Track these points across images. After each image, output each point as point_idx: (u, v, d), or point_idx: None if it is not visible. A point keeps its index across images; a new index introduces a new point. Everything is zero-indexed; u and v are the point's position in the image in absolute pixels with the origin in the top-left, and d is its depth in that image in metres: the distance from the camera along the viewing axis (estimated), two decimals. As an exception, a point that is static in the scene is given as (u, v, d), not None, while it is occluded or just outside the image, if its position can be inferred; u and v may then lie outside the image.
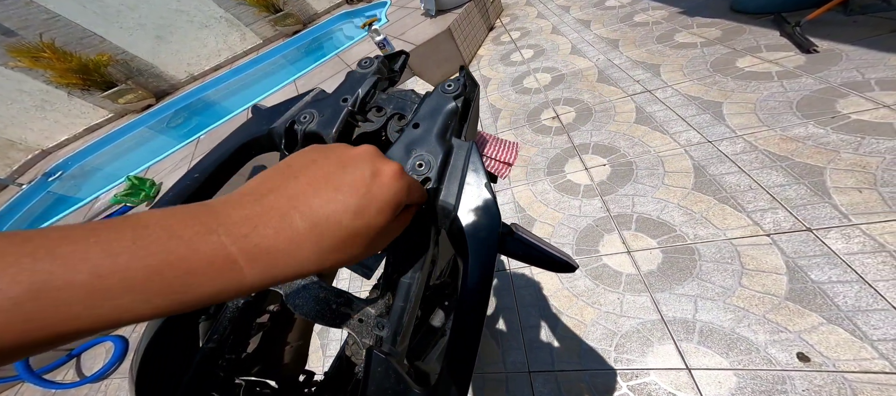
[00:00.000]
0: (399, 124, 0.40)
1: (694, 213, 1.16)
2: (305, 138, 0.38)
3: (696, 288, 0.98)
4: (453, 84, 0.37)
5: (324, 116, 0.39)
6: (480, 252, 0.28)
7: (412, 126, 0.34)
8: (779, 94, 1.38)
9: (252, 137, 0.39)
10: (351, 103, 0.40)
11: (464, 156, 0.32)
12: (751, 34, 1.76)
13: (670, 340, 0.91)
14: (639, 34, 2.15)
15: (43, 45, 3.50)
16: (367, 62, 0.44)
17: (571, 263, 0.30)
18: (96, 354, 1.99)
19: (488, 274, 0.27)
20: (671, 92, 1.64)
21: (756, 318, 0.86)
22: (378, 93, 0.43)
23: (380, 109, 0.42)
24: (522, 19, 3.05)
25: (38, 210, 3.32)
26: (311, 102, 0.42)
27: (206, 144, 2.54)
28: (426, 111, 0.35)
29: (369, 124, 0.41)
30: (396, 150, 0.33)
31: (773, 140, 1.23)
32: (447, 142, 0.33)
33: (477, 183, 0.30)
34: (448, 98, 0.36)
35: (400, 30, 2.83)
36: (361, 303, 0.35)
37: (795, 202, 1.04)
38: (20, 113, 4.04)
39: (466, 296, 0.27)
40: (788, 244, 0.96)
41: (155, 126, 4.11)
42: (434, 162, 0.31)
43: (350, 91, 0.41)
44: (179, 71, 4.54)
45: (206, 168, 0.37)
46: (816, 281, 0.86)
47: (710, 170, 1.25)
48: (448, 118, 0.35)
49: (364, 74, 0.43)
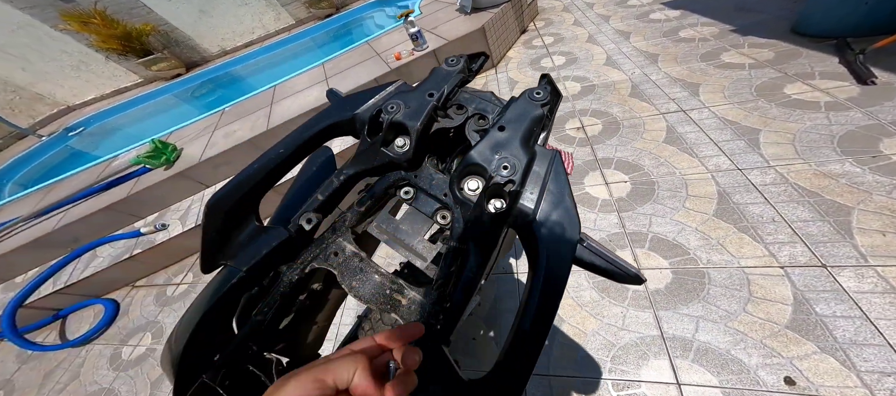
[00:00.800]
0: (479, 125, 0.45)
1: (711, 239, 1.25)
2: (390, 128, 0.44)
3: (701, 310, 1.07)
4: (542, 92, 0.41)
5: (410, 108, 0.44)
6: (556, 257, 0.30)
7: (498, 129, 0.38)
8: (822, 126, 1.44)
9: (335, 121, 0.46)
10: (436, 99, 0.44)
11: (546, 164, 0.35)
12: (806, 59, 1.80)
13: (666, 356, 1.01)
14: (682, 50, 2.22)
15: (94, 11, 4.00)
16: (454, 60, 0.49)
17: (640, 276, 0.32)
18: (83, 317, 2.15)
19: (562, 279, 0.30)
20: (707, 114, 1.72)
21: (753, 342, 0.95)
22: (459, 90, 0.49)
23: (461, 106, 0.47)
24: (557, 25, 3.17)
25: (53, 163, 3.68)
26: (396, 94, 0.47)
27: (231, 116, 2.81)
28: (513, 116, 0.39)
29: (449, 121, 0.46)
30: (482, 149, 0.37)
31: (807, 174, 1.30)
32: (530, 148, 0.37)
33: (559, 191, 0.34)
34: (535, 106, 0.40)
35: (432, 23, 3.03)
36: (412, 291, 0.38)
37: (816, 239, 1.11)
38: (56, 71, 4.59)
39: (537, 298, 0.29)
40: (800, 278, 1.04)
41: (180, 95, 4.55)
42: (519, 166, 0.34)
43: (436, 87, 0.46)
44: (213, 45, 5.01)
45: (289, 145, 0.44)
46: (820, 314, 0.94)
47: (734, 198, 1.33)
48: (534, 125, 0.39)
49: (450, 72, 0.48)
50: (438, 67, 0.49)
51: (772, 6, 2.33)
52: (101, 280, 2.15)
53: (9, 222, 2.37)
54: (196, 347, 0.38)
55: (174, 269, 2.20)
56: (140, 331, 1.90)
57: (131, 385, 1.64)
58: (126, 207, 2.27)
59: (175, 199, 2.37)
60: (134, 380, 1.66)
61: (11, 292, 2.22)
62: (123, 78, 4.93)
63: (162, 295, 2.06)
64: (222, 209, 0.40)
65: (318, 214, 0.43)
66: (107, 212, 2.24)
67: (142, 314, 2.00)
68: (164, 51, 4.53)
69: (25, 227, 2.35)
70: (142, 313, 2.01)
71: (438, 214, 0.43)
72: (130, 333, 1.92)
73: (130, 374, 1.69)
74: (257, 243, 0.40)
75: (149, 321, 1.93)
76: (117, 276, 2.17)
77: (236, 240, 0.41)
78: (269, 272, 0.41)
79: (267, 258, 0.40)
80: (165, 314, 1.93)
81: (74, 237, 2.27)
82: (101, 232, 2.30)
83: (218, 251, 0.40)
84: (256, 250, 0.40)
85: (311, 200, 0.44)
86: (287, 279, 0.41)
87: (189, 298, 1.93)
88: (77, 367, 1.85)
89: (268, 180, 0.43)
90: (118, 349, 1.85)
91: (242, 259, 0.40)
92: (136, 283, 2.23)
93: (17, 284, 2.30)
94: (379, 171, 0.45)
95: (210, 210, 0.40)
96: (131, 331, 1.93)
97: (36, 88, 4.62)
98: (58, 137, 4.17)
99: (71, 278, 2.12)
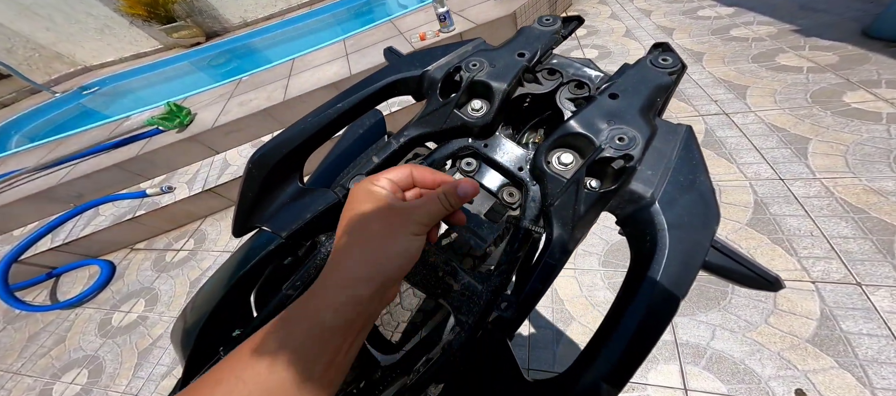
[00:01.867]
0: (576, 93, 0.42)
1: (741, 248, 1.29)
2: (471, 88, 0.41)
3: (719, 318, 1.13)
4: (670, 59, 0.37)
5: (495, 68, 0.41)
6: (684, 251, 0.27)
7: (609, 96, 0.35)
8: (880, 139, 1.45)
9: (402, 77, 0.44)
10: (527, 60, 0.42)
11: (674, 140, 0.32)
12: (874, 65, 1.80)
13: (677, 361, 1.08)
14: (731, 50, 2.23)
15: None
16: (550, 20, 0.47)
17: (780, 281, 0.29)
18: (78, 277, 2.21)
19: (687, 279, 0.26)
20: (752, 118, 1.74)
21: (769, 354, 1.00)
22: (552, 55, 0.46)
23: (553, 72, 0.44)
24: (592, 17, 3.21)
25: (62, 119, 3.98)
26: (476, 52, 0.45)
27: (247, 86, 3.01)
28: (629, 83, 0.36)
29: (537, 86, 0.43)
30: (589, 115, 0.33)
31: (855, 190, 1.32)
32: (651, 121, 0.33)
33: (692, 172, 0.30)
34: (661, 73, 0.36)
35: (460, 5, 3.15)
36: (468, 276, 0.35)
37: (855, 256, 1.14)
38: (79, 32, 5.05)
39: (649, 296, 0.26)
40: (831, 294, 1.08)
41: (197, 63, 4.90)
42: (639, 139, 0.31)
43: (527, 46, 0.43)
44: (235, 15, 5.37)
45: (350, 99, 0.43)
46: (845, 331, 0.98)
47: (772, 208, 1.37)
48: (657, 94, 0.35)
49: (544, 31, 0.45)
50: (528, 26, 0.46)
51: (841, 6, 2.31)
52: (100, 240, 2.26)
53: (12, 173, 2.49)
54: (219, 319, 0.38)
55: (176, 234, 2.34)
56: (134, 297, 1.98)
57: (117, 354, 1.69)
58: (134, 166, 2.43)
59: (183, 163, 2.54)
60: (121, 349, 1.71)
61: (8, 245, 2.28)
62: (144, 43, 5.36)
63: (160, 260, 2.17)
64: (268, 164, 0.39)
65: None
66: (114, 170, 2.39)
67: (137, 279, 2.08)
68: (187, 19, 4.89)
69: (29, 178, 2.48)
70: (138, 278, 2.11)
71: (505, 191, 0.42)
72: (124, 298, 2.00)
73: (118, 342, 1.75)
74: (299, 206, 0.39)
75: (144, 287, 2.01)
76: (117, 237, 2.29)
77: (276, 202, 0.40)
78: (307, 241, 0.40)
79: (310, 224, 0.38)
80: (162, 281, 2.03)
81: (78, 193, 2.41)
82: (107, 190, 2.44)
83: (255, 213, 0.39)
84: (299, 213, 0.39)
85: (363, 162, 0.43)
86: (325, 250, 0.38)
87: (188, 266, 2.07)
88: (64, 331, 1.90)
89: (319, 136, 0.42)
90: (108, 314, 1.92)
91: (281, 223, 0.38)
92: (135, 246, 2.36)
93: (15, 237, 2.37)
94: (446, 135, 0.43)
95: (255, 164, 0.39)
96: (125, 296, 2.01)
97: (57, 47, 5.10)
98: (71, 94, 4.57)
99: (70, 235, 2.23)
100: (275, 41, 4.89)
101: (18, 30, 4.75)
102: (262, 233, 0.40)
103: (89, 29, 5.05)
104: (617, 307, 0.28)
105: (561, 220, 0.33)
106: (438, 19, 2.58)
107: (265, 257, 0.38)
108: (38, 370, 1.78)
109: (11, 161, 2.94)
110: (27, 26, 4.77)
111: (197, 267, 2.05)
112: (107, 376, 1.63)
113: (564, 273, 1.43)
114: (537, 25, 0.47)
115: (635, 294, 0.26)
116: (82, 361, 1.74)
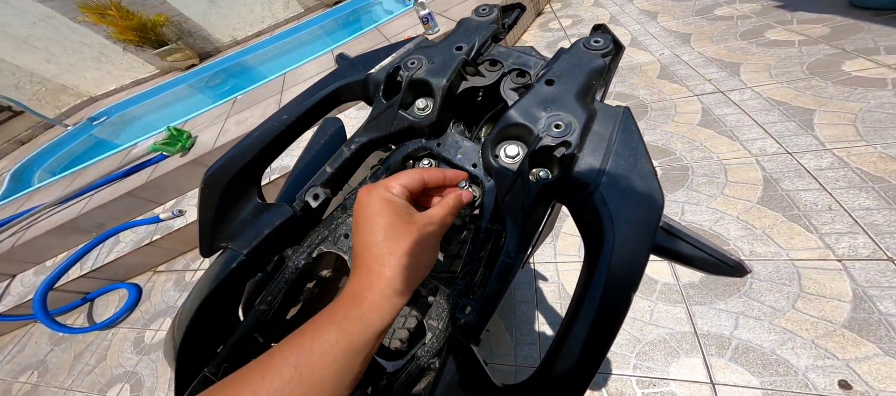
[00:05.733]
0: (518, 81, 0.40)
1: (754, 228, 1.16)
2: (411, 86, 0.39)
3: (741, 305, 0.99)
4: (602, 41, 0.35)
5: (433, 64, 0.39)
6: (630, 239, 0.25)
7: (545, 83, 0.33)
8: (890, 105, 1.32)
9: (345, 83, 0.42)
10: (466, 52, 0.39)
11: (613, 123, 0.30)
12: (869, 33, 1.67)
13: (699, 353, 0.94)
14: (718, 29, 2.10)
15: (110, 3, 4.25)
16: (486, 9, 0.44)
17: (743, 265, 0.27)
18: (109, 300, 2.28)
19: (638, 268, 0.24)
20: (750, 94, 1.61)
21: (803, 342, 0.87)
22: (492, 46, 0.43)
23: (495, 62, 0.41)
24: (576, 6, 3.09)
25: (79, 151, 3.97)
26: (416, 50, 0.43)
27: (242, 104, 2.91)
28: (564, 68, 0.34)
29: (480, 79, 0.41)
30: (525, 105, 0.31)
31: (871, 158, 1.19)
32: (589, 105, 0.31)
33: (632, 155, 0.27)
34: (594, 55, 0.34)
35: (444, 6, 3.02)
36: (433, 280, 0.35)
37: (882, 229, 1.01)
38: (79, 62, 4.92)
39: (600, 290, 0.24)
40: (862, 273, 0.94)
41: (195, 84, 4.76)
42: (576, 125, 0.29)
43: (465, 39, 0.40)
44: (224, 35, 5.23)
45: (294, 110, 0.41)
46: (885, 313, 0.85)
47: (783, 184, 1.24)
48: (593, 77, 0.33)
49: (481, 23, 0.42)
50: (466, 18, 0.44)
51: (825, -22, 2.18)
52: (124, 265, 2.29)
53: (37, 208, 2.55)
54: (197, 337, 0.37)
55: (191, 255, 2.31)
56: (161, 315, 2.00)
57: (153, 369, 1.72)
58: (145, 193, 2.40)
59: (191, 185, 2.48)
60: (156, 364, 1.73)
61: (42, 275, 2.37)
62: (141, 69, 5.21)
63: (181, 280, 2.16)
64: (221, 182, 0.38)
65: (327, 189, 0.39)
66: (127, 198, 2.38)
67: (162, 299, 2.10)
68: (177, 41, 4.75)
69: (53, 212, 2.52)
70: (163, 297, 2.11)
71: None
72: (152, 317, 2.02)
73: (153, 358, 1.77)
74: (259, 222, 0.38)
75: (169, 306, 2.04)
76: (139, 261, 2.30)
77: (237, 219, 0.39)
78: (273, 256, 0.39)
79: (269, 239, 0.37)
80: (184, 300, 2.02)
81: (99, 223, 2.43)
82: (123, 218, 2.44)
83: (217, 232, 0.38)
84: (257, 230, 0.37)
85: (318, 173, 0.40)
86: (292, 264, 0.38)
87: None
88: (104, 350, 1.97)
89: (270, 149, 0.40)
90: (141, 332, 1.95)
91: (243, 241, 0.37)
92: (157, 268, 2.36)
93: (47, 267, 2.47)
94: (396, 138, 0.41)
95: (206, 184, 0.38)
96: (153, 315, 2.03)
97: (60, 79, 4.96)
98: (82, 126, 4.49)
99: (96, 262, 2.27)
100: (267, 57, 4.75)
101: (21, 64, 4.63)
102: (225, 251, 0.39)
103: (86, 58, 4.91)
104: (574, 306, 0.26)
105: (512, 215, 0.31)
106: (422, 22, 2.46)
107: (230, 274, 0.37)
108: (86, 386, 1.81)
109: (37, 196, 2.95)
110: (28, 60, 4.64)
111: (213, 283, 2.00)
112: (146, 390, 1.65)
113: (572, 267, 1.30)
114: (475, 16, 0.44)
115: (587, 291, 0.25)
116: (123, 377, 1.75)
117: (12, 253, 2.40)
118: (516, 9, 0.48)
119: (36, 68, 4.72)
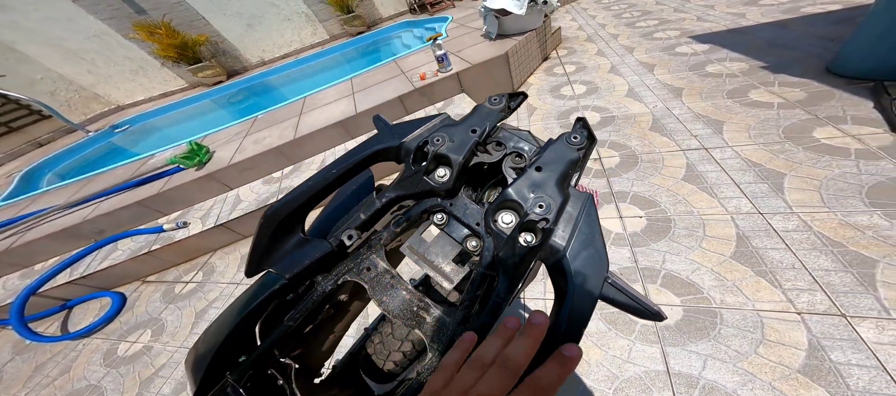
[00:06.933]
0: (516, 162, 0.50)
1: (726, 280, 1.28)
2: (434, 159, 0.49)
3: (710, 348, 1.10)
4: (579, 137, 0.46)
5: (454, 142, 0.49)
6: (583, 292, 0.33)
7: (535, 169, 0.42)
8: (851, 175, 1.46)
9: (384, 147, 0.51)
10: (479, 135, 0.49)
11: (580, 205, 0.39)
12: (839, 102, 1.82)
13: (670, 390, 1.04)
14: (708, 85, 2.29)
15: (161, 23, 4.62)
16: (497, 99, 0.55)
17: (661, 313, 0.35)
18: (90, 308, 2.18)
19: (587, 312, 0.33)
20: (730, 153, 1.76)
21: (762, 383, 0.97)
22: (499, 129, 0.54)
23: (499, 144, 0.52)
24: (580, 54, 3.31)
25: (93, 157, 4.04)
26: (441, 127, 0.52)
27: (262, 124, 3.09)
28: (550, 158, 0.43)
29: (488, 156, 0.52)
30: (519, 187, 0.41)
31: (831, 224, 1.32)
32: (565, 190, 0.40)
33: (590, 232, 0.37)
34: (572, 149, 0.44)
35: (458, 47, 3.26)
36: (437, 310, 0.41)
37: (837, 289, 1.12)
38: (117, 74, 5.26)
39: (564, 326, 0.32)
40: (817, 325, 1.05)
41: (218, 100, 5.04)
42: (554, 206, 0.38)
43: (479, 123, 0.51)
44: (254, 55, 5.62)
45: (342, 166, 0.49)
46: (834, 361, 0.96)
47: (754, 242, 1.36)
48: (570, 167, 0.43)
49: (492, 110, 0.54)
50: (481, 105, 0.55)
51: (807, 44, 2.38)
52: (115, 273, 2.28)
53: (41, 212, 2.55)
54: (228, 348, 0.41)
55: (185, 267, 2.32)
56: (141, 327, 1.96)
57: (119, 384, 1.67)
58: (154, 202, 2.47)
59: (200, 199, 2.57)
60: (123, 378, 1.69)
61: (28, 278, 2.32)
62: (172, 82, 5.56)
63: (169, 292, 2.14)
64: (277, 219, 0.45)
65: (359, 231, 0.48)
66: (135, 207, 2.42)
67: (146, 310, 2.07)
68: (211, 60, 5.10)
69: (57, 216, 2.53)
70: (147, 309, 2.08)
71: (468, 241, 0.47)
72: (131, 328, 1.98)
73: (122, 372, 1.73)
74: (301, 253, 0.45)
75: (151, 318, 2.00)
76: (131, 270, 2.30)
77: (282, 249, 0.46)
78: (306, 281, 0.46)
79: (309, 268, 0.44)
80: (169, 312, 2.00)
81: (99, 229, 2.45)
82: (127, 226, 2.48)
83: (264, 258, 0.45)
84: (300, 259, 0.44)
85: (353, 217, 0.50)
86: (321, 288, 0.44)
87: (196, 297, 2.05)
88: (70, 361, 1.88)
89: (318, 196, 0.48)
90: (115, 344, 1.91)
91: (286, 267, 0.44)
92: (146, 278, 2.34)
93: (36, 271, 2.41)
94: (418, 197, 0.50)
95: (267, 219, 0.45)
96: (132, 327, 1.99)
97: (96, 88, 5.29)
98: (103, 132, 4.68)
99: (88, 269, 2.24)
100: (289, 79, 5.06)
101: (64, 73, 4.94)
102: (269, 274, 0.45)
103: (125, 71, 5.26)
104: (545, 341, 0.33)
105: (505, 267, 0.39)
106: (437, 61, 2.68)
107: (271, 294, 0.42)
108: (38, 401, 1.71)
109: (42, 199, 2.97)
110: (71, 69, 4.97)
111: (204, 299, 2.02)
112: (107, 407, 1.58)
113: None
114: (487, 104, 0.55)
115: (555, 327, 0.32)
116: (84, 391, 1.70)
117: (4, 256, 2.36)
118: (520, 96, 0.58)
119: (76, 77, 5.04)
